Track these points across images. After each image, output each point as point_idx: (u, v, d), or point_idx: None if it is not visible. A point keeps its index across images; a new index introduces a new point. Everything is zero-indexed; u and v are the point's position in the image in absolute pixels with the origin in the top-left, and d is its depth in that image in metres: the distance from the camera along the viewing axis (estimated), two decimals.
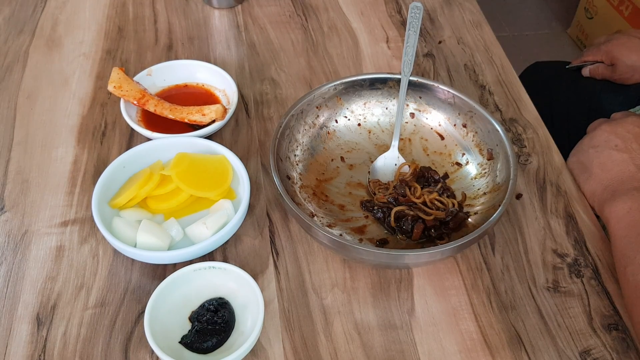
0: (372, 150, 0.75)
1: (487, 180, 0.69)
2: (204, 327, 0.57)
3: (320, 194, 0.69)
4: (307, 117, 0.72)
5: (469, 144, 0.73)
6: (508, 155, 0.66)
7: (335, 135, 0.75)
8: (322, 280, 0.64)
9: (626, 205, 0.64)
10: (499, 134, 0.68)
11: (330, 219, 0.67)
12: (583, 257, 0.66)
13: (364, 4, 0.99)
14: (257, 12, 0.97)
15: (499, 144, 0.68)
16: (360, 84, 0.75)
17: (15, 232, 0.67)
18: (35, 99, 0.82)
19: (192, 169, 0.67)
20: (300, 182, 0.69)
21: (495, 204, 0.64)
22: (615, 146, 0.70)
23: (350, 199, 0.70)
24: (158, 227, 0.64)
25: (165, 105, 0.77)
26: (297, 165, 0.71)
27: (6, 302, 0.61)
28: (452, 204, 0.67)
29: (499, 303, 0.62)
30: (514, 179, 0.63)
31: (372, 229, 0.67)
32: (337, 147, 0.74)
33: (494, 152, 0.70)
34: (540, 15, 2.31)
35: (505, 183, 0.65)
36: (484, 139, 0.71)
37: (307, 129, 0.73)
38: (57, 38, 0.91)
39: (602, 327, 0.61)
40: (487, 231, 0.59)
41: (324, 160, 0.73)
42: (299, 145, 0.72)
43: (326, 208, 0.68)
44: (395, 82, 0.75)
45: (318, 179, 0.71)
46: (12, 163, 0.74)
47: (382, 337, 0.59)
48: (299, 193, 0.68)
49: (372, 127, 0.76)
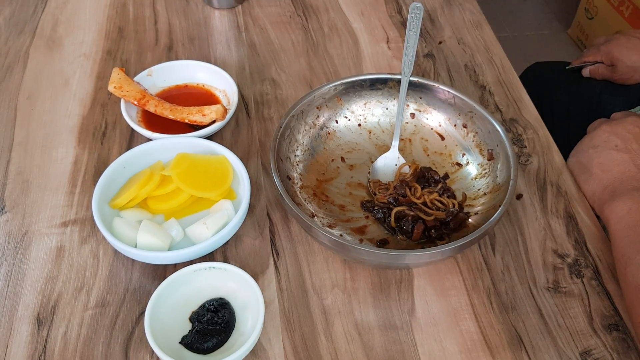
0: (372, 151, 0.75)
1: (487, 180, 0.69)
2: (205, 328, 0.57)
3: (320, 195, 0.69)
4: (308, 117, 0.72)
5: (469, 144, 0.73)
6: (508, 155, 0.66)
7: (336, 135, 0.75)
8: (323, 281, 0.64)
9: (626, 205, 0.64)
10: (499, 134, 0.68)
11: (330, 219, 0.67)
12: (583, 258, 0.66)
13: (364, 4, 0.99)
14: (258, 12, 0.97)
15: (500, 144, 0.68)
16: (361, 85, 0.75)
17: (15, 233, 0.67)
18: (36, 99, 0.82)
19: (192, 169, 0.67)
20: (301, 183, 0.69)
21: (495, 204, 0.64)
22: (615, 146, 0.69)
23: (350, 199, 0.70)
24: (158, 228, 0.64)
25: (166, 105, 0.77)
26: (298, 165, 0.71)
27: (6, 302, 0.61)
28: (452, 204, 0.67)
29: (499, 303, 0.62)
30: (515, 179, 0.63)
31: (373, 229, 0.67)
32: (337, 147, 0.74)
33: (494, 153, 0.70)
34: (541, 15, 2.31)
35: (505, 183, 0.65)
36: (484, 139, 0.71)
37: (308, 130, 0.73)
38: (58, 38, 0.91)
39: (603, 328, 0.60)
40: (488, 231, 0.59)
41: (324, 161, 0.73)
42: (299, 145, 0.72)
43: (326, 208, 0.68)
44: (396, 83, 0.75)
45: (318, 180, 0.71)
46: (13, 163, 0.74)
47: (383, 338, 0.59)
48: (299, 193, 0.68)
49: (373, 127, 0.76)
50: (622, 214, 0.63)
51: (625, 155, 0.68)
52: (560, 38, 2.21)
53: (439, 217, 0.65)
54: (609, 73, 0.97)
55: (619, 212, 0.64)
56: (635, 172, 0.67)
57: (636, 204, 0.63)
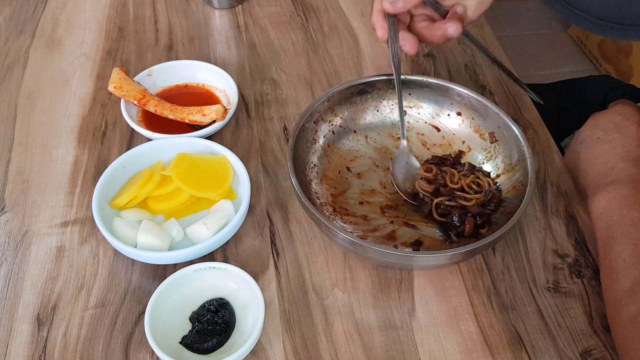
0: (373, 155, 0.74)
1: (496, 162, 0.70)
2: (205, 328, 0.57)
3: (340, 209, 0.68)
4: (308, 134, 0.71)
5: (466, 130, 0.73)
6: (516, 134, 0.66)
7: (336, 147, 0.74)
8: (323, 281, 0.64)
9: (600, 203, 0.63)
10: (499, 116, 0.68)
11: (360, 232, 0.66)
12: (584, 258, 0.66)
13: (364, 4, 0.99)
14: (258, 12, 0.97)
15: (502, 126, 0.69)
16: (350, 92, 0.74)
17: (15, 233, 0.67)
18: (36, 99, 0.82)
19: (192, 169, 0.67)
20: (319, 201, 0.68)
21: (516, 184, 0.65)
22: (597, 139, 0.68)
23: (369, 207, 0.69)
24: (158, 228, 0.64)
25: (166, 105, 0.77)
26: (310, 184, 0.69)
27: (6, 302, 0.61)
28: (487, 183, 0.67)
29: (499, 303, 0.62)
30: (530, 156, 0.64)
31: (402, 232, 0.66)
32: (340, 158, 0.74)
33: (496, 134, 0.70)
34: (540, 15, 2.31)
35: (521, 162, 0.65)
36: (482, 123, 0.72)
37: (309, 146, 0.72)
38: (58, 38, 0.91)
39: (603, 328, 0.60)
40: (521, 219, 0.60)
41: (332, 174, 0.72)
42: (307, 164, 0.71)
43: (351, 222, 0.67)
44: (383, 83, 0.75)
45: (332, 194, 0.70)
46: (13, 163, 0.74)
47: (383, 338, 0.59)
48: (321, 212, 0.67)
49: (367, 131, 0.76)
50: (598, 212, 0.62)
51: (606, 146, 0.66)
52: (560, 38, 2.21)
53: (479, 200, 0.65)
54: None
55: (596, 211, 0.63)
56: (615, 163, 0.65)
57: (609, 200, 0.62)
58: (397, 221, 0.68)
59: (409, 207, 0.69)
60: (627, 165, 0.64)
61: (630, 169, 0.64)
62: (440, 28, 0.70)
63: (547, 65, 2.08)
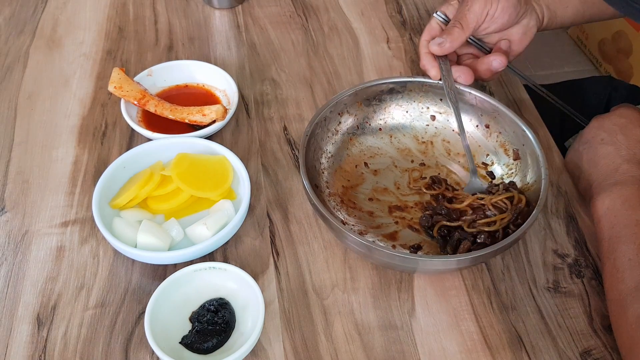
0: (394, 155, 0.74)
1: (515, 180, 0.69)
2: (205, 328, 0.57)
3: (348, 202, 0.69)
4: (330, 124, 0.72)
5: (493, 144, 0.73)
6: (537, 155, 0.65)
7: (358, 141, 0.74)
8: (323, 281, 0.64)
9: (604, 203, 0.63)
10: (525, 134, 0.68)
11: (361, 227, 0.67)
12: (584, 258, 0.66)
13: (364, 4, 0.99)
14: (258, 12, 0.97)
15: (526, 144, 0.68)
16: (380, 89, 0.74)
17: (15, 233, 0.67)
18: (36, 99, 0.82)
19: (192, 169, 0.67)
20: (328, 190, 0.69)
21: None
22: (601, 140, 0.68)
23: (377, 204, 0.69)
24: (158, 228, 0.64)
25: (166, 105, 0.77)
26: (323, 173, 0.70)
27: (6, 302, 0.61)
28: (518, 199, 0.65)
29: (499, 303, 0.62)
30: (546, 178, 0.63)
31: (404, 234, 0.67)
32: (360, 152, 0.74)
33: (520, 152, 0.69)
34: None
35: (536, 182, 0.65)
36: (508, 139, 0.71)
37: (330, 137, 0.72)
38: (58, 38, 0.91)
39: (603, 328, 0.60)
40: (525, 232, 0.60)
41: (349, 167, 0.72)
42: (324, 153, 0.71)
43: (355, 215, 0.68)
44: (415, 86, 0.74)
45: (344, 186, 0.70)
46: (13, 163, 0.74)
47: (383, 338, 0.59)
48: (328, 201, 0.68)
49: (393, 131, 0.76)
50: (602, 212, 0.63)
51: (610, 147, 0.67)
52: (560, 38, 2.21)
53: (504, 221, 0.64)
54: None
55: (599, 211, 0.63)
56: (619, 164, 0.65)
57: (614, 200, 0.62)
58: (402, 222, 0.68)
59: (418, 211, 0.69)
60: (631, 167, 0.65)
61: (635, 170, 0.64)
62: (485, 62, 0.73)
63: (547, 65, 2.08)
